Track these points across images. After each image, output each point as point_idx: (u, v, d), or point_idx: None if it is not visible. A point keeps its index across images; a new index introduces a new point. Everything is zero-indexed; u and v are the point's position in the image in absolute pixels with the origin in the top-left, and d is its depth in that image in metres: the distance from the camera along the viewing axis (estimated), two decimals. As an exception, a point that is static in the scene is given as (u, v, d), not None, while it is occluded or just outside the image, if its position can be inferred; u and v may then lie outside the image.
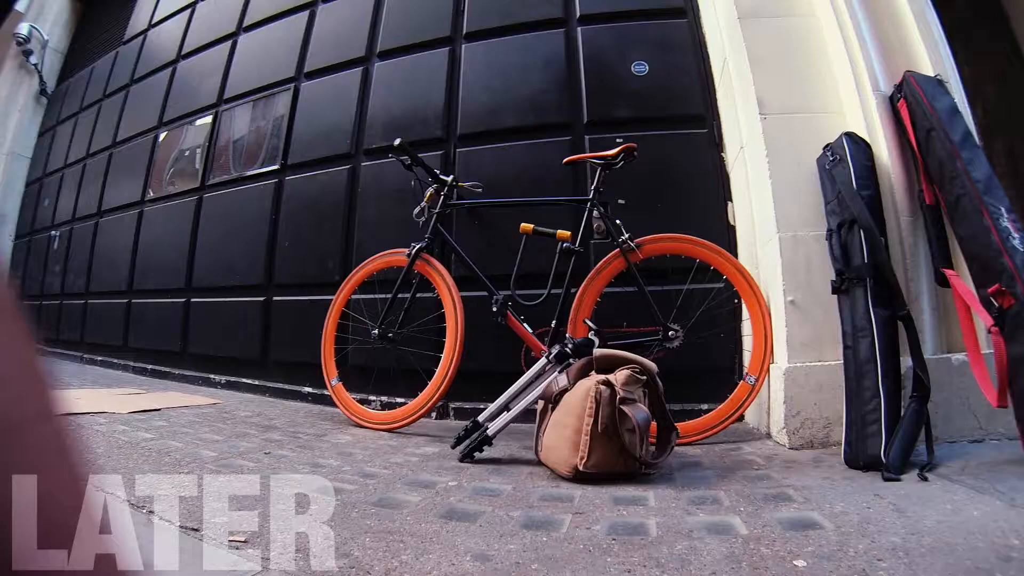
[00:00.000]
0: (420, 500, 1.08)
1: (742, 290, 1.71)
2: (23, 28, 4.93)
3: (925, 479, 1.13)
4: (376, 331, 1.95)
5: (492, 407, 1.49)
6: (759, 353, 1.64)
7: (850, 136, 1.55)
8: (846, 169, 1.49)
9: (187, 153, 3.46)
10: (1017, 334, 1.19)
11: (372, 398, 2.18)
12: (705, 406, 1.78)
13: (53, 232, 4.52)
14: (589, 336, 1.55)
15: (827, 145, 1.60)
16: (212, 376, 2.83)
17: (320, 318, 2.13)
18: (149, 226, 3.55)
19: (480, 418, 1.48)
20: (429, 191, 2.01)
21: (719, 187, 2.11)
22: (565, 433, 1.26)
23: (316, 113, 2.80)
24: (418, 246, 1.92)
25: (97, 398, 2.18)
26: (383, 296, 2.01)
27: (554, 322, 1.79)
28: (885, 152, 1.57)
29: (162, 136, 3.69)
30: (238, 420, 1.92)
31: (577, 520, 0.97)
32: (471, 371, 1.91)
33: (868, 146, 1.55)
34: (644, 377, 1.30)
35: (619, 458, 1.22)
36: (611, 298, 1.87)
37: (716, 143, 2.15)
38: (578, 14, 2.41)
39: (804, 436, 1.48)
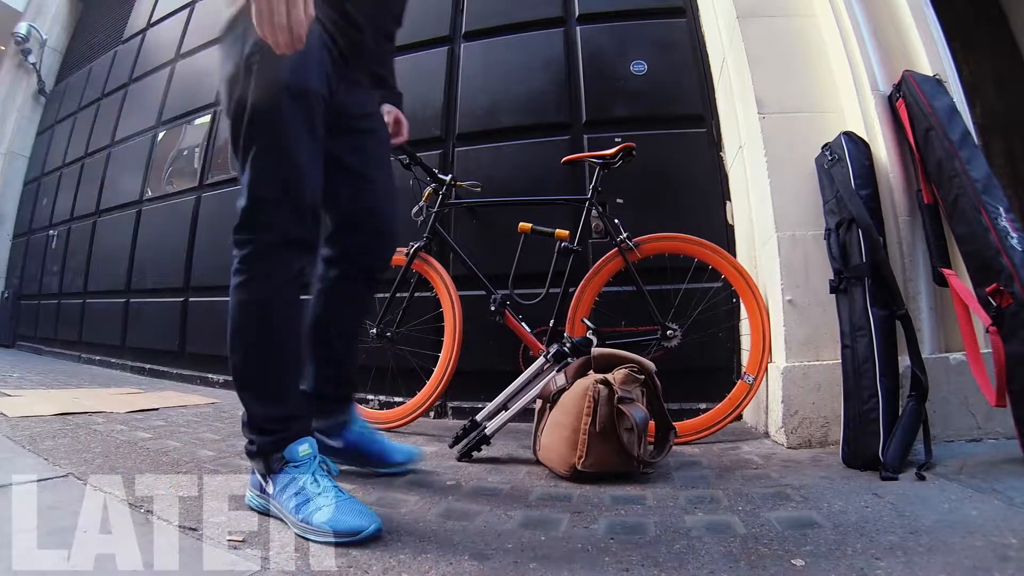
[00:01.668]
0: (418, 499, 1.08)
1: (740, 289, 1.71)
2: (21, 27, 4.92)
3: (923, 478, 1.13)
4: (374, 330, 1.95)
5: (490, 406, 1.49)
6: (757, 352, 1.64)
7: (849, 136, 1.54)
8: (845, 168, 1.49)
9: (186, 152, 3.45)
10: (1015, 333, 1.19)
11: (370, 397, 2.18)
12: (703, 405, 1.79)
13: (51, 231, 4.51)
14: (587, 335, 1.55)
15: (826, 144, 1.60)
16: (210, 375, 2.83)
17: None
18: (147, 225, 3.54)
19: (478, 417, 1.48)
20: (427, 190, 2.00)
21: (718, 186, 2.11)
22: (563, 432, 1.26)
23: (315, 112, 2.79)
24: (416, 245, 1.92)
25: (95, 398, 2.17)
26: (381, 295, 2.01)
27: (552, 321, 1.79)
28: (884, 152, 1.57)
29: (161, 135, 3.69)
30: (236, 419, 1.89)
31: (575, 519, 0.97)
32: (469, 370, 1.91)
33: (867, 146, 1.55)
34: (642, 376, 1.30)
35: (617, 457, 1.22)
36: (609, 297, 1.87)
37: (715, 142, 2.15)
38: (577, 13, 2.40)
39: (802, 435, 1.48)
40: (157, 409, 2.00)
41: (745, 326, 1.76)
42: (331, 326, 1.21)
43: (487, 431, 1.42)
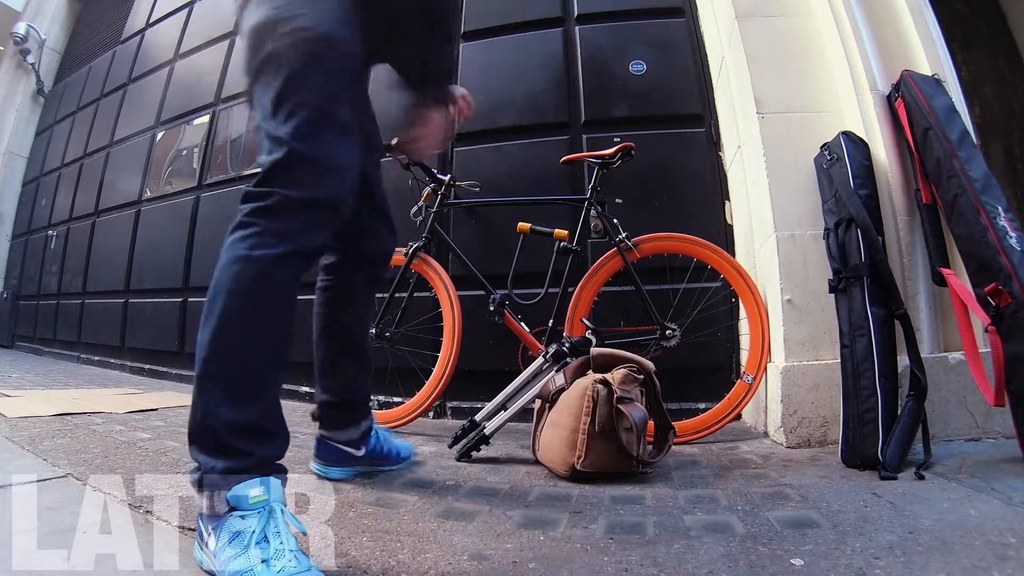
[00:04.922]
0: (417, 499, 1.08)
1: (739, 289, 1.72)
2: (20, 27, 4.92)
3: (922, 478, 1.13)
4: (373, 330, 1.94)
5: (489, 406, 1.49)
6: (756, 352, 1.64)
7: (848, 135, 1.55)
8: (844, 168, 1.49)
9: (185, 152, 3.45)
10: (1014, 333, 1.19)
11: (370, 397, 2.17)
12: (702, 405, 1.79)
13: (50, 232, 4.51)
14: (586, 335, 1.55)
15: (825, 144, 1.60)
16: (210, 376, 2.82)
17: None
18: (146, 226, 3.54)
19: (477, 417, 1.48)
20: (426, 190, 2.00)
21: (717, 186, 2.11)
22: (562, 432, 1.26)
23: (314, 112, 2.79)
24: (415, 245, 1.92)
25: (94, 398, 2.17)
26: (380, 295, 2.01)
27: (551, 321, 1.79)
28: (883, 151, 1.57)
29: (159, 135, 3.68)
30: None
31: (574, 519, 0.97)
32: (468, 370, 1.91)
33: (866, 145, 1.55)
34: (641, 376, 1.30)
35: (616, 457, 1.22)
36: (608, 297, 1.87)
37: (714, 142, 2.15)
38: (576, 13, 2.41)
39: (801, 435, 1.48)
40: (156, 409, 2.00)
41: (744, 326, 1.76)
42: (344, 331, 1.18)
43: (486, 431, 1.42)
